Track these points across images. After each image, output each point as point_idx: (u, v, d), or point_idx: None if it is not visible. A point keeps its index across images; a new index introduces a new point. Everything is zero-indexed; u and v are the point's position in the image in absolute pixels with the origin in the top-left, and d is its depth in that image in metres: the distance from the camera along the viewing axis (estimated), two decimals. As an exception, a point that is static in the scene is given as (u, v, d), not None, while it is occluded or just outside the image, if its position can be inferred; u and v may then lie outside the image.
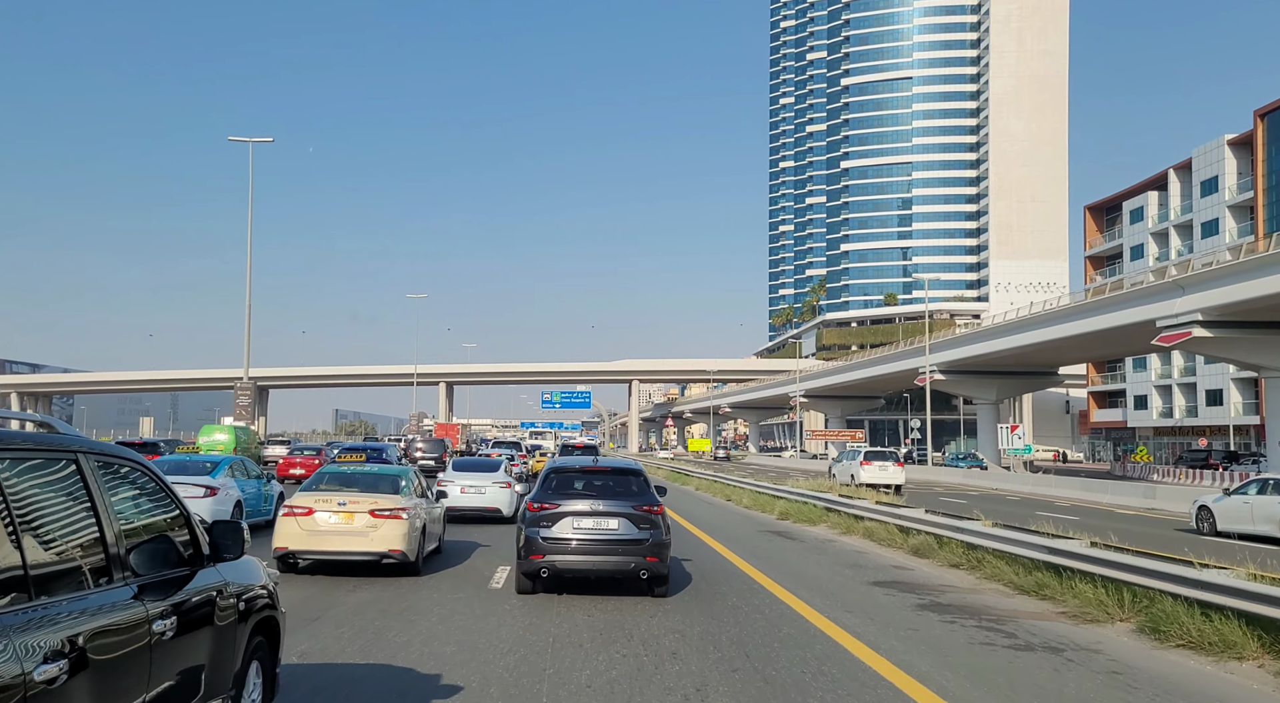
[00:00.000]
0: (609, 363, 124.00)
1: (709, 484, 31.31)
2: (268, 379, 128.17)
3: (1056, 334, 47.65)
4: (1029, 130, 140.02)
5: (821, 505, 20.03)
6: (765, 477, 34.14)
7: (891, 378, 70.39)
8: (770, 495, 24.08)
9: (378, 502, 10.76)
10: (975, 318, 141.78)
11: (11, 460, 2.86)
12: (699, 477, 34.71)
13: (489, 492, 18.10)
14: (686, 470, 40.71)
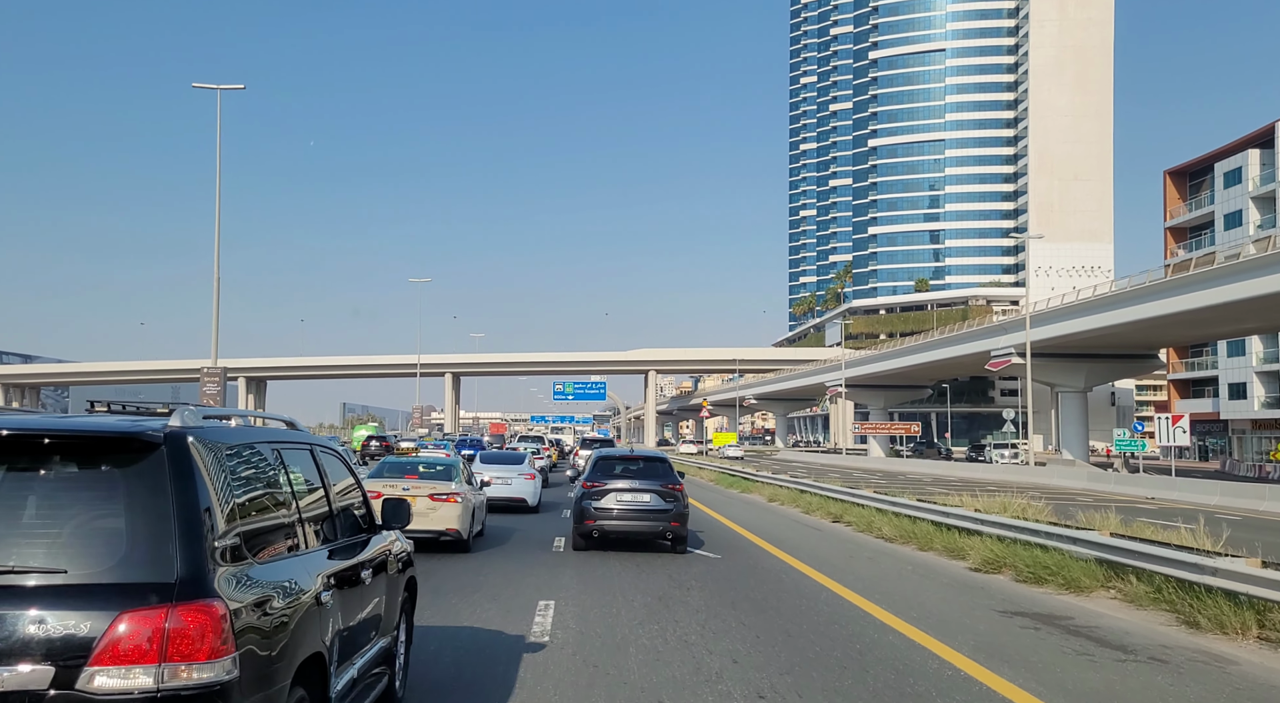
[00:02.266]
0: (624, 353, 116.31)
1: (796, 497, 22.00)
2: (265, 370, 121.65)
3: (1163, 309, 39.80)
4: (1072, 104, 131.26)
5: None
6: (879, 486, 26.38)
7: (951, 364, 62.46)
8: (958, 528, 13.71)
9: (435, 487, 12.28)
10: (1014, 304, 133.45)
11: (284, 451, 4.01)
12: (766, 482, 26.40)
13: (515, 483, 19.07)
14: (739, 471, 32.10)
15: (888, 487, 25.81)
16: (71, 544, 2.92)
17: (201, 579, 2.92)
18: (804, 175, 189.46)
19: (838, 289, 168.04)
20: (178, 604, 2.83)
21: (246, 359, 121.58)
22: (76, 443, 3.13)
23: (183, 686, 2.79)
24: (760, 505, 21.86)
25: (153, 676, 2.77)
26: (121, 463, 3.05)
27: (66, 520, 2.99)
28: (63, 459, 3.07)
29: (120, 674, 2.74)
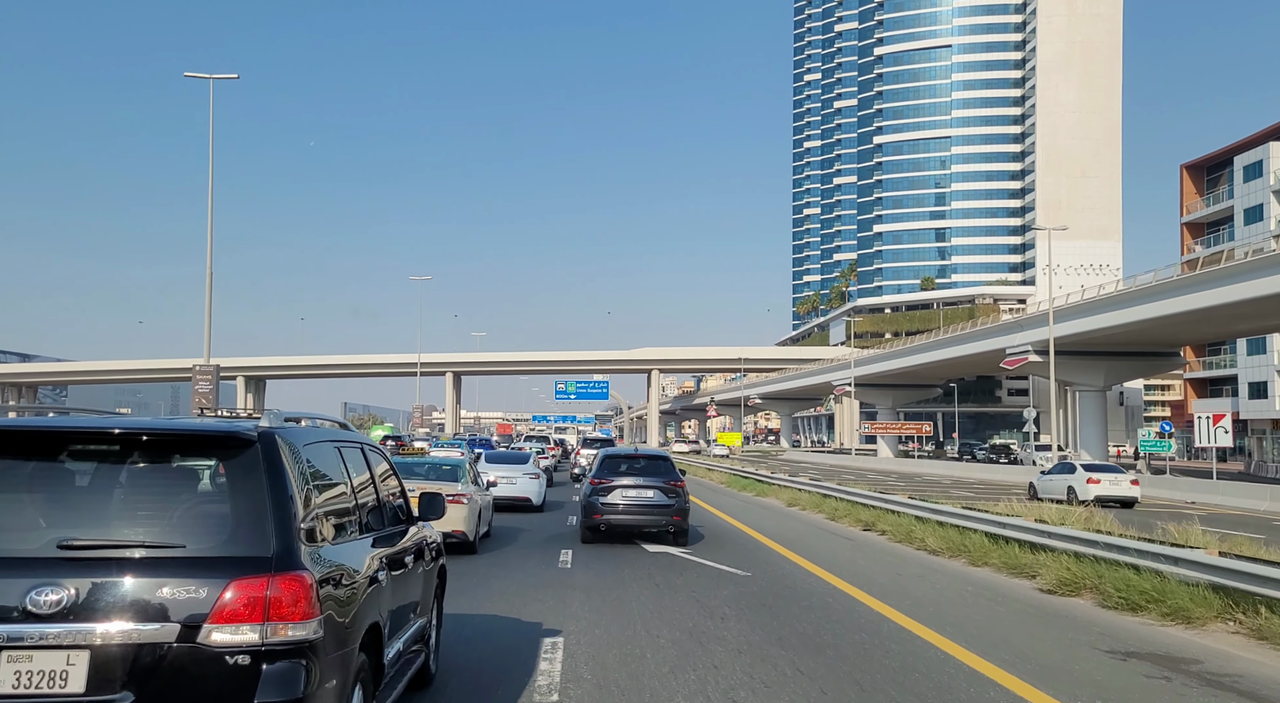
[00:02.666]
0: (627, 351, 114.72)
1: (819, 502, 19.95)
2: (264, 369, 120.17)
3: (1189, 305, 38.17)
4: (1080, 100, 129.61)
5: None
6: (897, 489, 24.74)
7: (963, 362, 60.77)
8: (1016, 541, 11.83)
9: (441, 488, 11.14)
10: (1020, 303, 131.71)
11: (342, 448, 4.46)
12: (783, 485, 24.62)
13: (520, 482, 19.15)
14: (753, 473, 29.72)
15: (913, 491, 24.23)
16: (187, 524, 3.54)
17: (292, 554, 3.48)
18: (808, 173, 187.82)
19: (842, 288, 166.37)
20: (275, 574, 3.38)
21: (245, 358, 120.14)
22: (187, 441, 3.77)
23: (281, 641, 3.34)
24: (780, 511, 20.25)
25: (258, 632, 3.32)
26: (224, 457, 3.65)
27: (182, 505, 3.62)
28: (177, 454, 3.72)
29: (232, 631, 3.30)
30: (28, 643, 3.22)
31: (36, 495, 3.59)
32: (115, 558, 3.35)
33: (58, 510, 3.55)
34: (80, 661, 3.23)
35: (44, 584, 3.26)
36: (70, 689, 3.22)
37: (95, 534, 3.44)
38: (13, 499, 3.55)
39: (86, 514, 3.56)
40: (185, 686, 3.27)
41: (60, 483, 3.64)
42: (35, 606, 3.24)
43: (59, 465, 3.62)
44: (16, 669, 3.21)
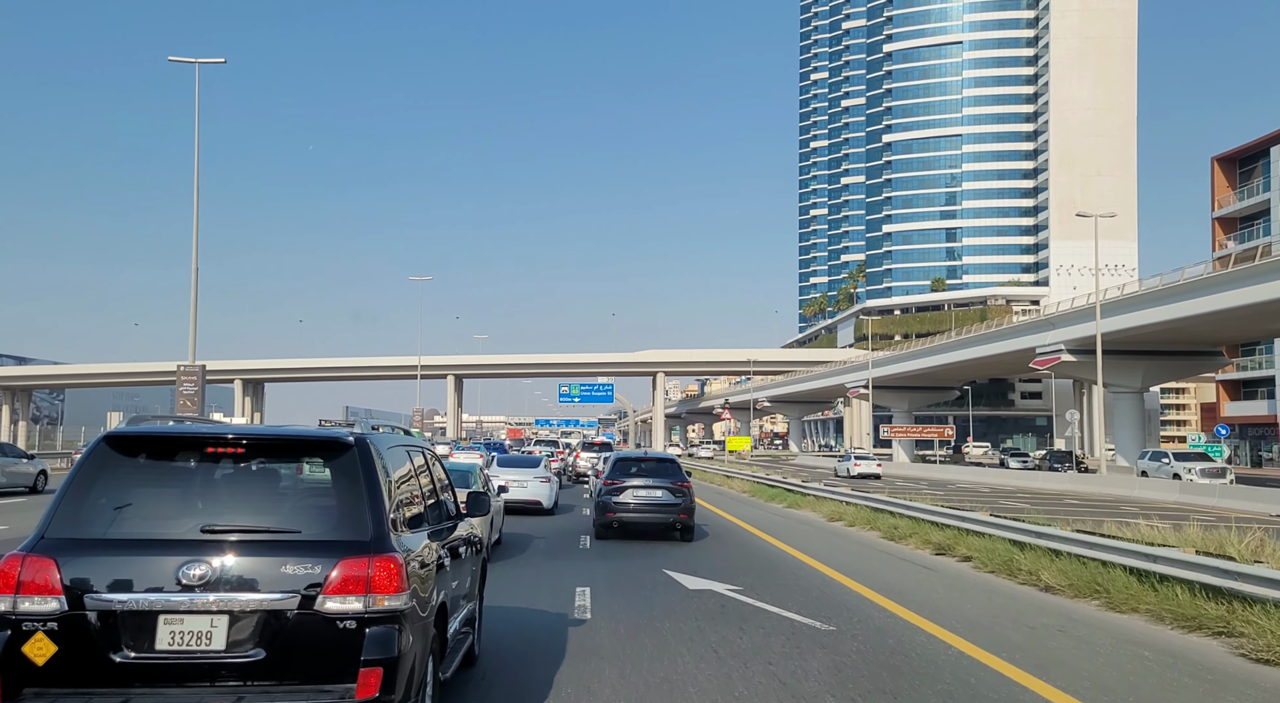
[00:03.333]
0: (631, 354, 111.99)
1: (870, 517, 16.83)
2: (262, 372, 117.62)
3: (1240, 300, 35.38)
4: (1094, 97, 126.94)
5: None
6: (938, 498, 21.94)
7: (987, 363, 57.95)
8: None
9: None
10: (1034, 304, 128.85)
11: (410, 452, 5.21)
12: (821, 496, 21.05)
13: (530, 486, 19.51)
14: (779, 482, 26.43)
15: (947, 498, 21.50)
16: (301, 513, 4.33)
17: (385, 539, 4.21)
18: (814, 174, 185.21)
19: (850, 289, 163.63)
20: (373, 556, 4.09)
21: (242, 361, 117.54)
22: (299, 445, 4.53)
23: (379, 610, 4.02)
24: (825, 528, 17.40)
25: (362, 603, 4.01)
26: (328, 459, 4.40)
27: (296, 497, 4.43)
28: (295, 457, 4.53)
29: (341, 601, 3.99)
30: (180, 609, 3.96)
31: (184, 489, 4.34)
32: (246, 540, 4.11)
33: (200, 501, 4.30)
34: (221, 624, 3.97)
35: (191, 561, 4.00)
36: (214, 648, 3.95)
37: (230, 521, 4.19)
38: (166, 492, 4.33)
39: (222, 504, 4.30)
40: (305, 645, 3.99)
41: (201, 479, 4.38)
42: (185, 579, 3.98)
43: (201, 465, 4.38)
44: (171, 630, 3.95)
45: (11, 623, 3.86)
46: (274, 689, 3.95)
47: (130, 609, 3.92)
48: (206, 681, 3.93)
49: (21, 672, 3.83)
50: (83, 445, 42.68)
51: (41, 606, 3.88)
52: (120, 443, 4.33)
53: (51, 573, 3.92)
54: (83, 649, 3.88)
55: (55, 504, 4.16)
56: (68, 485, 4.22)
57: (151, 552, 4.03)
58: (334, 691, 3.95)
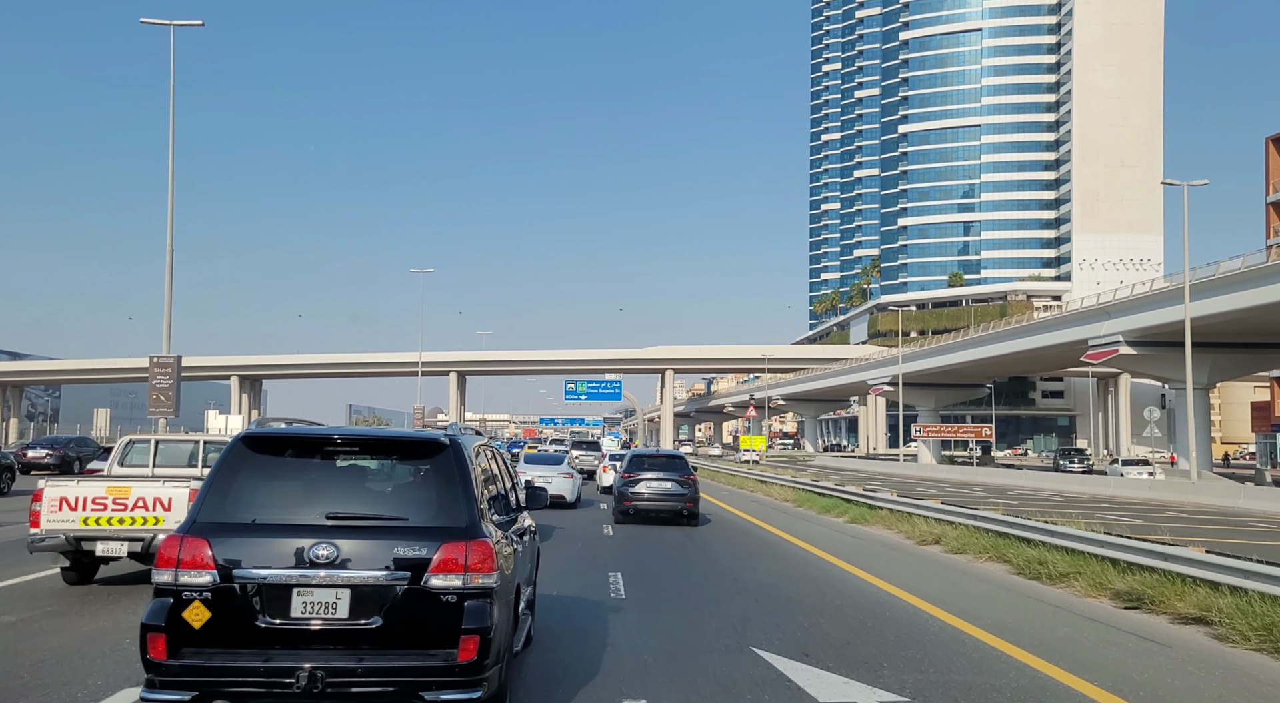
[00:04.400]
0: (639, 350, 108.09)
1: (994, 545, 12.62)
2: (260, 368, 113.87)
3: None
4: (1119, 86, 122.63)
5: None
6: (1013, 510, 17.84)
7: (1028, 357, 53.88)
8: None
9: None
10: (1055, 300, 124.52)
11: (483, 449, 5.86)
12: (898, 508, 16.75)
13: (555, 481, 21.00)
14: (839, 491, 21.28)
15: (1011, 507, 17.53)
16: (407, 503, 4.97)
17: (478, 526, 4.83)
18: (826, 167, 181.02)
19: (863, 286, 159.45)
20: (469, 540, 4.71)
21: (239, 357, 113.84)
22: (405, 445, 5.20)
23: (475, 587, 4.64)
24: (926, 557, 12.71)
25: (461, 580, 4.62)
26: (428, 456, 5.07)
27: (402, 489, 5.09)
28: (401, 456, 5.19)
29: (443, 578, 4.61)
30: (311, 582, 4.58)
31: (308, 481, 5.01)
32: (364, 526, 4.76)
33: (322, 492, 4.95)
34: (344, 595, 4.59)
35: (319, 543, 4.64)
36: (339, 615, 4.58)
37: (349, 509, 4.85)
38: (293, 484, 4.98)
39: (341, 495, 4.97)
40: (414, 615, 4.59)
41: (323, 473, 5.04)
42: (314, 557, 4.60)
43: (322, 461, 5.05)
44: (303, 601, 4.58)
45: (173, 592, 4.57)
46: (389, 652, 4.59)
47: (269, 582, 4.59)
48: (333, 644, 4.60)
49: (182, 633, 4.52)
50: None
51: (197, 578, 4.57)
52: (253, 442, 5.06)
53: (205, 551, 4.61)
54: (231, 615, 4.57)
55: (203, 494, 4.86)
56: (212, 478, 4.93)
57: (286, 534, 4.69)
58: (439, 654, 4.59)
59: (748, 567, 11.37)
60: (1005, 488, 35.37)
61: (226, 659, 4.48)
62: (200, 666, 4.46)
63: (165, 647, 4.47)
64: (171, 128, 34.75)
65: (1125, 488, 30.96)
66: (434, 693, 4.50)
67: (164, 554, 4.61)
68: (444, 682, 4.51)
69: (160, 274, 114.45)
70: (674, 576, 10.76)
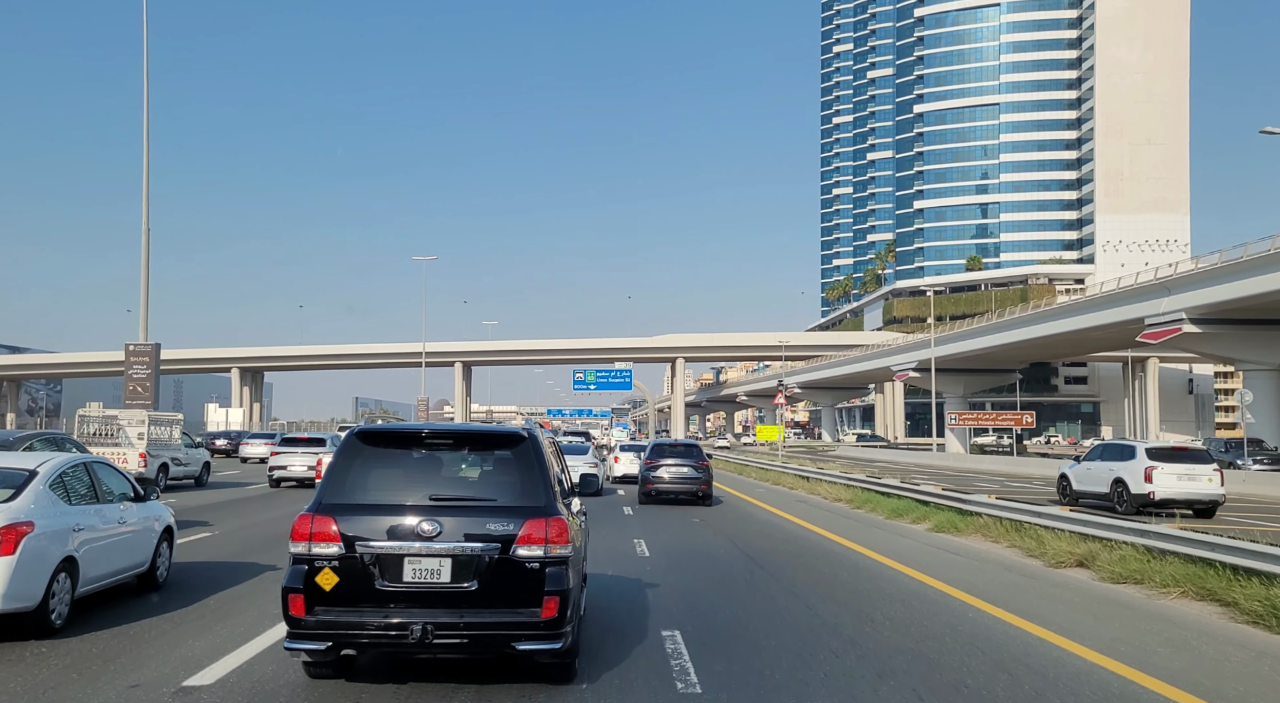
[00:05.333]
0: (649, 339, 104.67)
1: (1202, 577, 8.86)
2: (261, 360, 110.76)
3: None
4: (1144, 60, 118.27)
5: None
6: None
7: (1072, 339, 50.24)
8: None
9: None
10: (1078, 283, 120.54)
11: (552, 444, 6.71)
12: (1014, 518, 12.68)
13: (581, 470, 21.88)
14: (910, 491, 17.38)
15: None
16: (495, 486, 5.75)
17: (554, 505, 5.61)
18: (838, 151, 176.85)
19: (877, 271, 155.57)
20: (548, 517, 5.47)
21: (240, 348, 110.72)
22: (491, 437, 5.99)
23: (554, 556, 5.38)
24: (1098, 596, 9.11)
25: (542, 550, 5.37)
26: (511, 447, 5.86)
27: (490, 475, 5.87)
28: (488, 447, 5.96)
29: (528, 549, 5.36)
30: (419, 553, 5.34)
31: (410, 468, 5.87)
32: (461, 506, 5.56)
33: (425, 477, 5.84)
34: (446, 564, 5.35)
35: (425, 519, 5.39)
36: (442, 580, 5.33)
37: (447, 492, 5.69)
38: (398, 471, 5.81)
39: (440, 479, 5.84)
40: (505, 580, 5.35)
41: (424, 461, 5.94)
42: (421, 532, 5.36)
43: (424, 452, 5.96)
44: (413, 568, 5.33)
45: (307, 561, 5.34)
46: (485, 611, 5.33)
47: (385, 553, 5.35)
48: (438, 604, 5.33)
49: (314, 594, 5.30)
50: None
51: (326, 550, 5.34)
52: (365, 436, 5.94)
53: (331, 526, 5.39)
54: (354, 580, 5.32)
55: (326, 479, 5.71)
56: (333, 466, 5.77)
57: (397, 513, 5.44)
58: (526, 612, 5.32)
59: (860, 628, 7.60)
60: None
61: (352, 616, 5.30)
62: (331, 621, 5.29)
63: (303, 605, 5.30)
64: (145, 101, 31.56)
65: (1261, 485, 25.99)
66: (523, 644, 5.32)
67: (298, 529, 5.43)
68: (531, 635, 5.31)
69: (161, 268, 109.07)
70: (759, 635, 7.28)
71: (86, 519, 7.60)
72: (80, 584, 7.32)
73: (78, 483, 7.86)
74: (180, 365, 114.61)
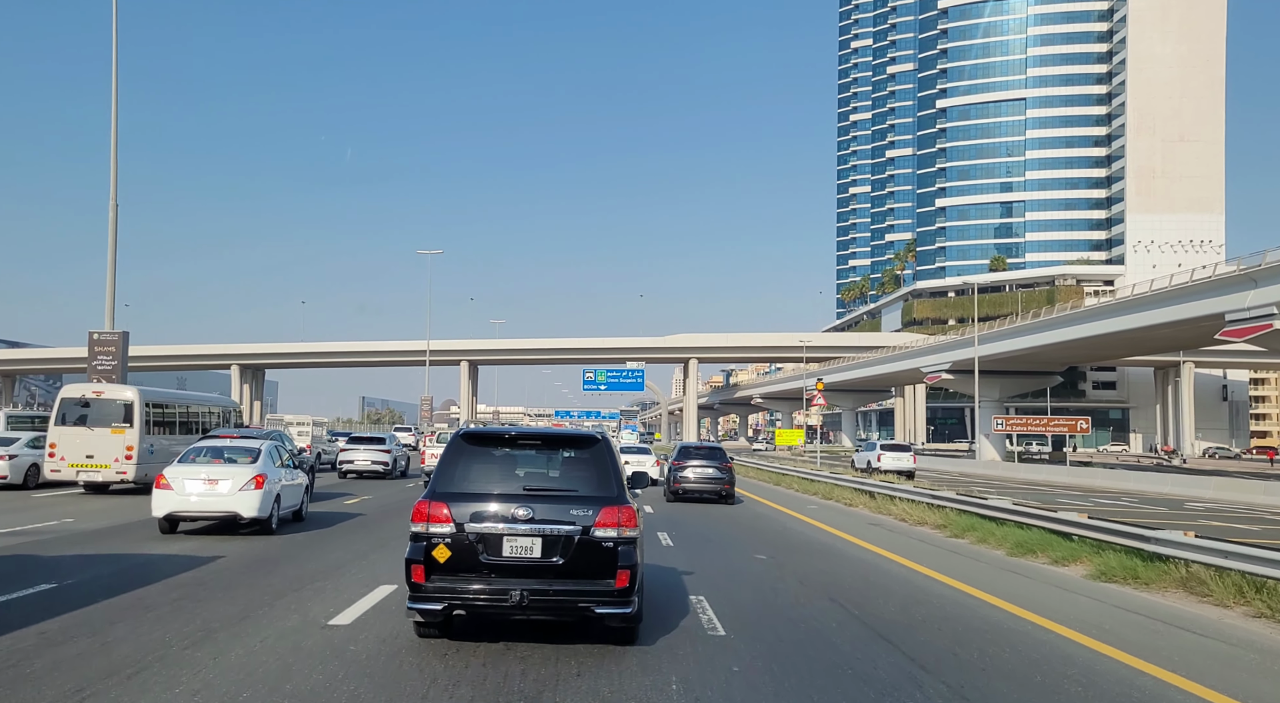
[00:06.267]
0: (661, 338, 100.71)
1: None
2: (261, 357, 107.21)
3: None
4: (1177, 54, 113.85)
5: None
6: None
7: (1133, 337, 46.00)
8: None
9: None
10: (1108, 284, 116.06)
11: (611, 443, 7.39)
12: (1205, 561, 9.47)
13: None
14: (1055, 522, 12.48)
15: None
16: (575, 479, 6.82)
17: (624, 495, 6.73)
18: (855, 150, 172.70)
19: (896, 271, 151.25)
20: (620, 505, 6.55)
21: (240, 345, 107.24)
22: (573, 439, 7.16)
23: (625, 537, 6.46)
24: None
25: (616, 532, 6.44)
26: (588, 447, 7.01)
27: (571, 469, 6.93)
28: (568, 447, 7.07)
29: (604, 531, 6.43)
30: (515, 534, 6.43)
31: (506, 464, 6.96)
32: (549, 495, 6.66)
33: (519, 470, 6.94)
34: (537, 542, 6.43)
35: (520, 506, 6.47)
36: (534, 556, 6.42)
37: (539, 484, 6.78)
38: (496, 466, 6.90)
39: (532, 473, 6.95)
40: (585, 556, 6.41)
41: (517, 458, 7.03)
42: (516, 516, 6.43)
43: (514, 450, 7.07)
44: (510, 545, 6.42)
45: (425, 538, 6.49)
46: (569, 581, 6.41)
47: (487, 532, 6.46)
48: (531, 575, 6.42)
49: (431, 565, 6.44)
50: None
51: (440, 529, 6.48)
52: (468, 437, 7.10)
53: (444, 510, 6.52)
54: (463, 554, 6.46)
55: (438, 472, 6.86)
56: (443, 461, 6.93)
57: (497, 500, 6.56)
58: (602, 583, 6.40)
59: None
60: (1175, 499, 27.45)
61: (462, 584, 6.42)
62: (446, 587, 6.41)
63: (423, 574, 6.43)
64: (114, 57, 28.13)
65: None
66: (601, 609, 6.38)
67: (418, 512, 6.59)
68: (607, 601, 6.37)
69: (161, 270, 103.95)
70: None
71: (281, 474, 14.03)
72: (279, 510, 13.67)
73: (278, 454, 14.51)
74: (180, 362, 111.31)
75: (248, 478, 12.84)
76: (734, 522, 17.25)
